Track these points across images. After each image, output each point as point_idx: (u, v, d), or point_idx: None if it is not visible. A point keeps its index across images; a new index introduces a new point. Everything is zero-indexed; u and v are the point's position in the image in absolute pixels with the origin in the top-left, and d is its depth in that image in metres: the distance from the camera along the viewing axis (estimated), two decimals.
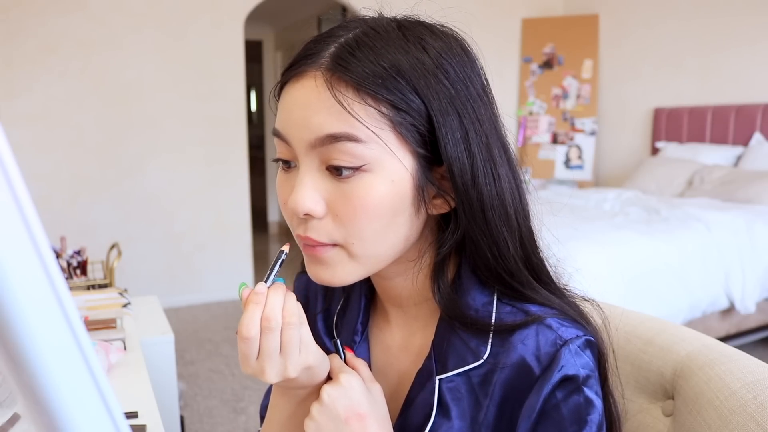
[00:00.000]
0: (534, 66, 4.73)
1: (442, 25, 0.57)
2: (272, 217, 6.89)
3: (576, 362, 0.52)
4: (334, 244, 0.54)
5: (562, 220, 2.77)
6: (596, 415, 0.52)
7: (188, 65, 3.87)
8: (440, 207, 0.55)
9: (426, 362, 0.58)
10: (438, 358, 0.57)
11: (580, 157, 4.58)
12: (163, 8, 3.77)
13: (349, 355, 0.62)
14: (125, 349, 1.27)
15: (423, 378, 0.58)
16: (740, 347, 0.74)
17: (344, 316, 0.67)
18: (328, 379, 0.58)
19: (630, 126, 4.44)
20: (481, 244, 0.54)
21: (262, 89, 7.30)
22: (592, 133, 4.55)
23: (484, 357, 0.55)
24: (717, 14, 3.80)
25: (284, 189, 0.56)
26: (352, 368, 0.59)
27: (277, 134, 0.55)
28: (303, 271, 0.70)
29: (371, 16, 0.56)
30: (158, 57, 3.79)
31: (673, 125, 4.06)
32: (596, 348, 0.55)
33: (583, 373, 0.52)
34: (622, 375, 0.70)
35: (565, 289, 0.60)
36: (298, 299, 0.64)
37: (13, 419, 0.75)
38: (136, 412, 0.99)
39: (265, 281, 0.54)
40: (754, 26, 3.61)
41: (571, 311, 0.57)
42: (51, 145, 3.61)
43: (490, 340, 0.55)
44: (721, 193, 3.26)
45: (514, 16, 4.75)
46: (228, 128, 4.04)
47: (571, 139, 4.61)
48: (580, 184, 4.54)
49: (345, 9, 4.41)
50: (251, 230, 4.27)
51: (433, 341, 0.58)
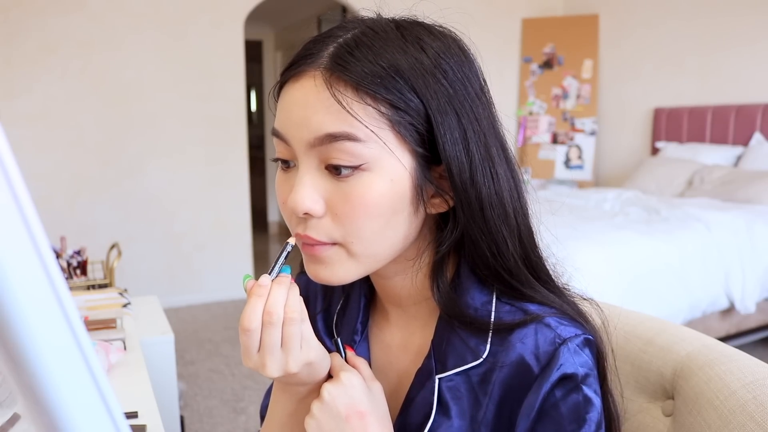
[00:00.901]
0: (534, 66, 4.73)
1: (441, 26, 0.57)
2: (272, 217, 6.89)
3: (575, 361, 0.52)
4: (334, 243, 0.54)
5: (562, 220, 2.77)
6: (595, 414, 0.52)
7: (188, 65, 3.87)
8: (439, 206, 0.56)
9: (426, 361, 0.58)
10: (437, 357, 0.57)
11: (580, 157, 4.57)
12: (163, 8, 3.77)
13: (350, 353, 0.62)
14: (125, 349, 1.27)
15: (423, 377, 0.58)
16: (740, 347, 0.74)
17: (344, 315, 0.67)
18: (329, 377, 0.58)
19: (630, 126, 4.44)
20: (480, 242, 0.54)
21: (262, 89, 7.30)
22: (592, 133, 4.55)
23: (484, 356, 0.55)
24: (717, 14, 3.80)
25: (283, 188, 0.56)
26: (353, 367, 0.59)
27: (276, 134, 0.55)
28: (302, 272, 0.70)
29: (370, 16, 0.57)
30: (158, 57, 3.79)
31: (673, 125, 4.05)
32: (595, 346, 0.56)
33: (581, 371, 0.52)
34: (622, 375, 0.70)
35: (564, 288, 0.60)
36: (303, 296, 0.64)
37: (13, 419, 0.75)
38: (136, 412, 0.99)
39: (270, 273, 0.54)
40: (754, 26, 3.61)
41: (570, 310, 0.57)
42: (51, 145, 3.61)
43: (489, 339, 0.55)
44: (721, 193, 3.26)
45: (514, 16, 4.75)
46: (228, 128, 4.05)
47: (571, 139, 4.61)
48: (580, 184, 4.54)
49: (345, 9, 4.41)
50: (251, 230, 4.27)
51: (433, 340, 0.58)
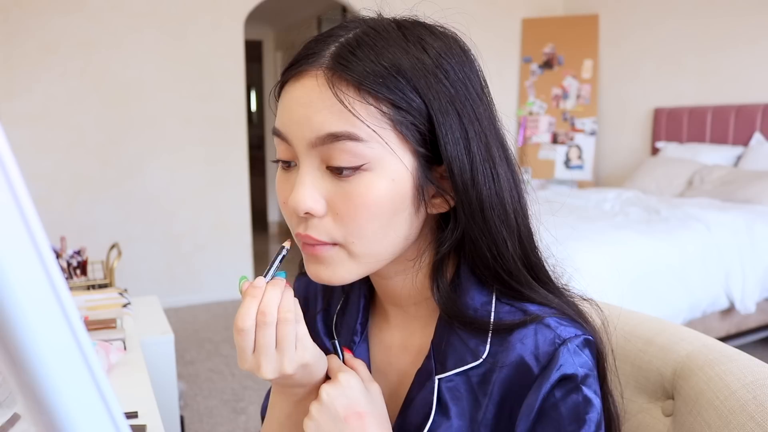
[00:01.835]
0: (534, 66, 4.73)
1: (442, 26, 0.57)
2: (272, 217, 6.89)
3: (575, 361, 0.52)
4: (334, 243, 0.54)
5: (562, 220, 2.77)
6: (595, 414, 0.52)
7: (188, 65, 3.87)
8: (440, 206, 0.56)
9: (425, 362, 0.58)
10: (437, 357, 0.57)
11: (580, 157, 4.57)
12: (163, 8, 3.77)
13: (348, 355, 0.62)
14: (125, 349, 1.27)
15: (422, 377, 0.58)
16: (740, 347, 0.74)
17: (343, 316, 0.67)
18: (327, 378, 0.58)
19: (630, 126, 4.44)
20: (480, 243, 0.54)
21: (262, 89, 7.30)
22: (592, 133, 4.55)
23: (483, 356, 0.55)
24: (717, 14, 3.80)
25: (284, 188, 0.56)
26: (351, 369, 0.59)
27: (277, 133, 0.55)
28: (302, 273, 0.70)
29: (371, 16, 0.57)
30: (158, 57, 3.79)
31: (673, 125, 4.05)
32: (595, 347, 0.55)
33: (581, 372, 0.52)
34: (622, 375, 0.70)
35: (564, 288, 0.60)
36: (299, 301, 0.64)
37: (13, 419, 0.75)
38: (136, 412, 0.99)
39: (264, 276, 0.55)
40: (754, 26, 3.61)
41: (570, 310, 0.57)
42: (51, 145, 3.61)
43: (489, 340, 0.55)
44: (721, 193, 3.26)
45: (514, 16, 4.75)
46: (228, 128, 4.05)
47: (571, 139, 4.60)
48: (580, 184, 4.54)
49: (345, 9, 4.41)
50: (251, 230, 4.27)
51: (433, 341, 0.58)
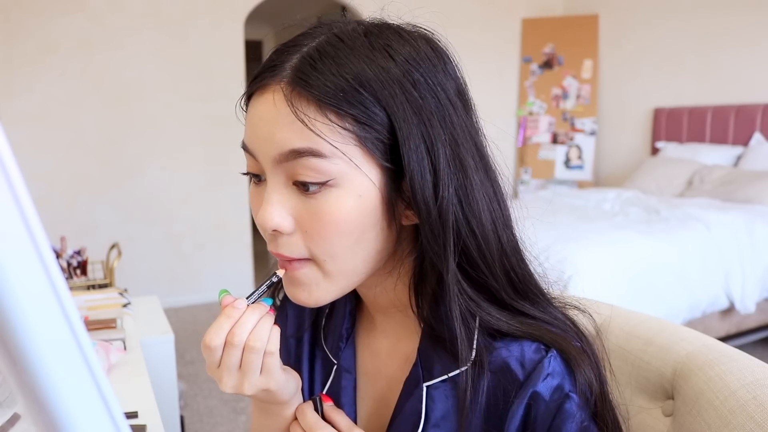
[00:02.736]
0: (534, 66, 4.73)
1: (414, 26, 0.55)
2: None
3: (562, 369, 0.52)
4: (308, 259, 0.53)
5: (562, 220, 2.77)
6: (585, 423, 0.51)
7: (188, 65, 3.87)
8: (413, 218, 0.53)
9: (413, 369, 0.58)
10: (424, 365, 0.57)
11: (580, 157, 4.57)
12: (163, 8, 3.77)
13: (327, 406, 0.61)
14: (125, 349, 1.27)
15: (410, 386, 0.57)
16: (740, 347, 0.74)
17: (331, 321, 0.66)
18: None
19: (630, 126, 4.43)
20: (440, 261, 0.51)
21: None
22: (592, 133, 4.55)
23: (469, 363, 0.54)
24: (717, 14, 3.80)
25: (255, 202, 0.55)
26: (329, 421, 0.59)
27: (245, 148, 0.54)
28: None
29: (338, 20, 0.54)
30: (158, 57, 3.79)
31: (673, 125, 4.05)
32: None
33: (568, 380, 0.52)
34: (622, 375, 0.69)
35: (557, 299, 0.59)
36: (295, 312, 0.63)
37: (13, 419, 0.75)
38: (136, 412, 0.99)
39: (248, 298, 0.54)
40: (754, 26, 3.61)
41: (557, 329, 0.55)
42: (51, 145, 3.60)
43: (475, 346, 0.54)
44: (721, 193, 3.26)
45: (514, 16, 4.75)
46: (228, 128, 4.04)
47: (571, 139, 4.60)
48: (580, 184, 4.54)
49: (345, 9, 4.41)
50: (251, 230, 4.27)
51: (419, 348, 0.57)
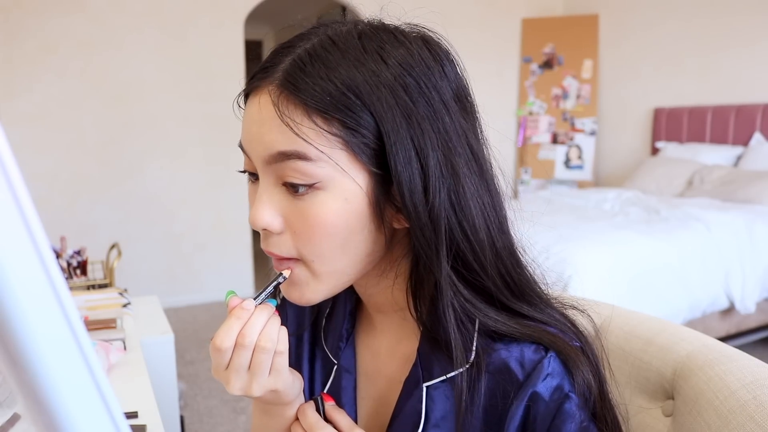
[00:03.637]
0: (534, 66, 4.73)
1: (414, 27, 0.54)
2: None
3: (561, 370, 0.52)
4: (297, 259, 0.53)
5: (562, 220, 2.77)
6: (585, 423, 0.52)
7: (188, 65, 3.87)
8: (405, 222, 0.53)
9: (413, 370, 0.58)
10: (424, 365, 0.57)
11: (580, 157, 4.57)
12: (163, 8, 3.77)
13: (328, 405, 0.61)
14: (125, 349, 1.27)
15: (410, 386, 0.57)
16: (740, 347, 0.74)
17: (331, 320, 0.67)
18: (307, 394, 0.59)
19: (630, 126, 4.43)
20: (433, 263, 0.51)
21: None
22: (592, 133, 4.55)
23: (468, 363, 0.54)
24: (717, 14, 3.80)
25: (252, 200, 0.56)
26: (330, 421, 0.60)
27: (241, 147, 0.55)
28: None
29: (336, 21, 0.54)
30: (158, 57, 3.79)
31: (673, 125, 4.05)
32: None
33: (568, 380, 0.52)
34: (622, 375, 0.69)
35: (556, 300, 0.59)
36: (296, 310, 0.63)
37: (13, 419, 0.75)
38: (136, 412, 0.99)
39: (255, 298, 0.54)
40: (754, 26, 3.61)
41: (555, 330, 0.55)
42: (51, 145, 3.60)
43: (474, 346, 0.54)
44: (721, 193, 3.26)
45: (514, 16, 4.75)
46: (228, 128, 4.03)
47: (571, 139, 4.60)
48: (580, 184, 4.54)
49: (345, 9, 4.41)
50: (251, 230, 4.27)
51: (419, 348, 0.58)
